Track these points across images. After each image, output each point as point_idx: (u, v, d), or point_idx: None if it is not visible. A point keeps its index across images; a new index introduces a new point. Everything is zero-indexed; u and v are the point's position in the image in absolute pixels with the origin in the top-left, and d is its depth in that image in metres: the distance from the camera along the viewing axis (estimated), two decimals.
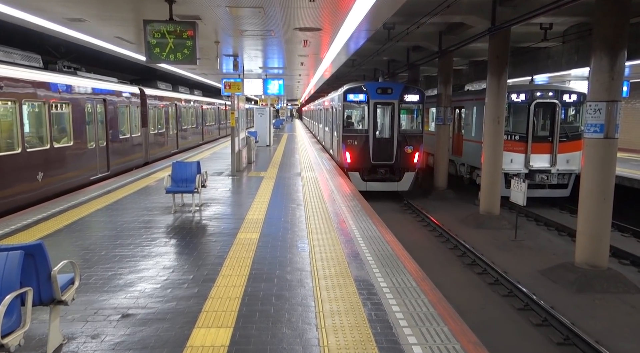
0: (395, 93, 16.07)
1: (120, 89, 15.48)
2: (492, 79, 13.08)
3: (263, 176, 13.31)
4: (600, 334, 6.83)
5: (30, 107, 10.24)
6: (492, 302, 8.14)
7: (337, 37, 10.61)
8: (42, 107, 10.59)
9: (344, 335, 4.03)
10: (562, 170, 15.20)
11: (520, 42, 16.71)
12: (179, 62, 7.12)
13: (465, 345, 3.88)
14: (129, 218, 8.16)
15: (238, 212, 8.78)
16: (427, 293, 4.97)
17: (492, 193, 13.48)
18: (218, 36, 10.48)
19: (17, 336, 3.15)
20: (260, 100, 30.01)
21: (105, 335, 4.02)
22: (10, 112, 9.41)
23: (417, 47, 19.41)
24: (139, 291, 4.98)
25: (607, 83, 8.47)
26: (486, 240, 11.80)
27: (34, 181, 10.10)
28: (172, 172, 8.95)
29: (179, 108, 22.41)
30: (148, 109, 17.85)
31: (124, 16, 8.38)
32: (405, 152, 16.16)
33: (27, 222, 7.85)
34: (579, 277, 8.71)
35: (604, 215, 8.85)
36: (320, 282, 5.22)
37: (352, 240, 6.91)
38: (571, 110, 15.88)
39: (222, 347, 3.83)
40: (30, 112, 10.27)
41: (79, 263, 5.76)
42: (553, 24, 13.71)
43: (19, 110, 9.56)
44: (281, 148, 22.66)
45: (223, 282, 5.25)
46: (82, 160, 12.45)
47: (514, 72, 19.08)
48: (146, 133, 17.74)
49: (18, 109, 9.55)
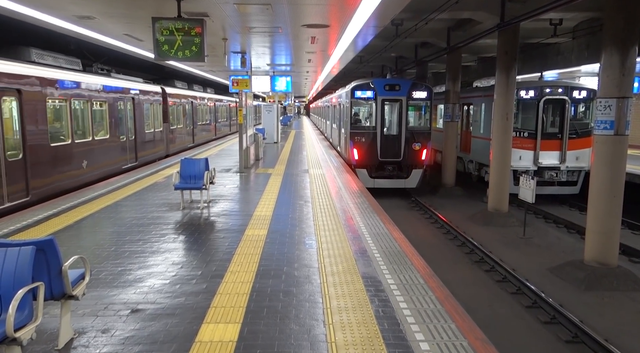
0: (403, 90, 16.01)
1: (146, 88, 17.09)
2: (501, 75, 12.99)
3: (271, 173, 13.34)
4: (609, 332, 6.79)
5: (77, 105, 11.90)
6: (500, 300, 8.11)
7: (344, 34, 10.58)
8: (85, 105, 12.30)
9: (352, 331, 4.04)
10: (572, 167, 15.06)
11: (529, 38, 16.56)
12: (187, 59, 7.15)
13: (473, 342, 3.88)
14: (138, 215, 8.23)
15: (246, 208, 8.81)
16: (435, 290, 4.97)
17: (500, 190, 13.41)
18: (226, 33, 10.50)
19: (29, 330, 3.20)
20: (268, 97, 30.07)
21: (115, 330, 4.07)
22: (63, 109, 11.17)
23: (425, 44, 19.30)
24: (148, 286, 5.03)
25: (617, 79, 8.37)
26: (494, 237, 11.75)
27: (80, 168, 11.85)
28: (181, 168, 9.00)
29: (194, 105, 23.85)
30: (168, 106, 19.48)
31: (132, 13, 8.42)
32: (413, 149, 16.11)
33: (38, 217, 7.95)
34: (588, 274, 8.65)
35: (614, 212, 8.77)
36: (327, 279, 5.24)
37: (360, 237, 6.92)
38: (581, 106, 15.72)
39: (231, 343, 3.86)
40: (77, 109, 11.94)
41: (89, 258, 5.82)
42: (563, 19, 13.56)
43: (69, 107, 11.32)
44: (289, 145, 22.68)
45: (231, 278, 5.29)
46: (116, 151, 14.16)
47: (523, 69, 18.91)
48: (167, 128, 19.38)
49: (68, 106, 11.31)
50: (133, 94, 15.61)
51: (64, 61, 11.77)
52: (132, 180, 12.06)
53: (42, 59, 10.83)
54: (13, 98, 9.22)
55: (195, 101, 24.01)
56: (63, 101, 11.11)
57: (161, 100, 18.79)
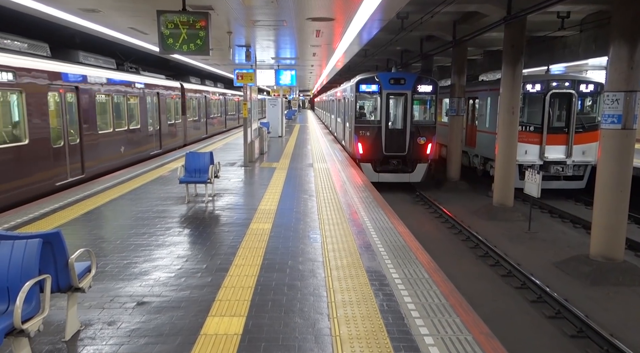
0: (408, 83, 15.93)
1: (168, 84, 19.30)
2: (507, 69, 12.89)
3: (275, 167, 13.35)
4: (614, 327, 6.77)
5: (116, 99, 14.11)
6: (504, 294, 8.11)
7: (349, 27, 10.52)
8: (122, 99, 14.49)
9: (356, 325, 4.05)
10: (578, 161, 14.97)
11: (536, 31, 16.40)
12: (192, 52, 7.13)
13: (477, 337, 3.88)
14: (143, 208, 8.26)
15: (250, 202, 8.83)
16: (439, 284, 4.97)
17: (505, 184, 13.35)
18: (231, 26, 10.47)
19: (37, 322, 3.23)
20: (273, 91, 30.13)
21: (121, 322, 4.10)
22: (107, 103, 13.48)
23: (431, 37, 19.17)
24: (154, 279, 5.06)
25: (625, 73, 8.29)
26: (499, 232, 11.72)
27: (118, 152, 14.06)
28: (186, 162, 9.03)
29: (207, 99, 25.94)
30: (186, 100, 21.66)
31: (137, 6, 8.40)
32: (418, 143, 16.05)
33: (44, 210, 8.00)
34: (593, 269, 8.62)
35: (621, 207, 8.72)
36: (332, 273, 5.25)
37: (364, 231, 6.92)
38: (588, 100, 15.59)
39: (235, 336, 3.88)
40: (116, 102, 14.12)
41: (95, 251, 5.86)
42: (570, 12, 13.42)
43: (111, 101, 13.67)
44: (293, 139, 22.67)
45: (236, 271, 5.31)
46: (145, 139, 16.40)
47: (529, 62, 18.75)
48: (185, 120, 21.59)
49: (111, 100, 13.62)
50: (158, 89, 17.76)
51: (101, 61, 13.85)
52: (137, 173, 12.10)
53: (87, 60, 12.85)
54: (72, 94, 11.51)
55: (208, 95, 25.96)
56: (107, 96, 13.41)
57: (180, 94, 20.90)
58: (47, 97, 10.29)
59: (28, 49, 10.32)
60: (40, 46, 10.81)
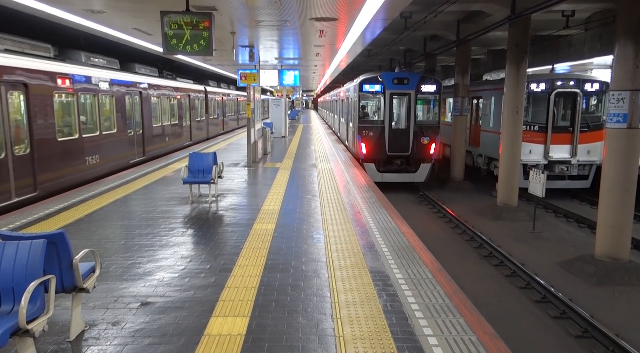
0: (411, 83, 15.90)
1: (196, 88, 23.38)
2: (511, 68, 12.84)
3: (279, 167, 13.36)
4: (620, 327, 6.73)
5: (161, 102, 17.68)
6: (509, 294, 8.08)
7: (353, 27, 10.51)
8: (165, 101, 18.09)
9: (359, 325, 4.04)
10: (583, 161, 14.89)
11: (540, 30, 16.33)
12: (196, 53, 7.14)
13: (482, 337, 3.86)
14: (147, 208, 8.28)
15: (254, 202, 8.84)
16: (443, 284, 4.95)
17: (510, 184, 13.30)
18: (234, 27, 10.48)
19: (41, 322, 3.24)
20: (276, 91, 30.29)
21: (126, 322, 4.11)
22: (157, 104, 17.25)
23: (434, 37, 19.12)
24: (158, 280, 5.07)
25: (631, 71, 8.24)
26: (503, 231, 11.68)
27: (164, 142, 17.81)
28: (189, 162, 9.04)
29: (223, 100, 29.88)
30: (208, 100, 25.74)
31: (141, 7, 8.43)
32: (422, 143, 16.02)
33: (49, 211, 8.03)
34: (599, 269, 8.57)
35: (626, 206, 8.67)
36: (335, 273, 5.24)
37: (368, 231, 6.91)
38: (593, 99, 15.52)
39: (239, 336, 3.88)
40: (161, 104, 17.71)
41: (100, 252, 5.88)
42: (575, 10, 13.35)
43: (160, 103, 17.47)
44: (296, 139, 22.67)
45: (239, 271, 5.31)
46: (181, 132, 20.22)
47: (533, 61, 18.68)
48: (207, 118, 25.66)
49: (159, 103, 17.44)
50: (189, 92, 21.94)
51: (147, 70, 17.16)
52: (141, 174, 12.14)
53: (140, 70, 16.28)
54: (137, 96, 14.96)
55: (224, 97, 30.03)
56: (158, 98, 17.30)
57: (204, 96, 24.95)
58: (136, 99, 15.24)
59: (107, 64, 13.63)
60: (112, 61, 14.05)
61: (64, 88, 10.74)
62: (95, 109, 12.27)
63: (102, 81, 12.60)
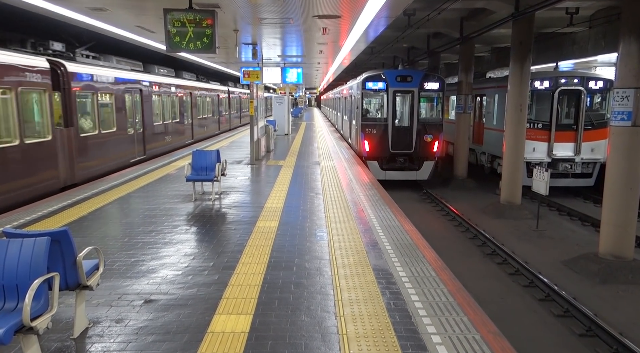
0: (415, 81, 15.85)
1: (221, 88, 27.59)
2: (515, 65, 12.79)
3: (282, 165, 13.35)
4: (624, 326, 6.71)
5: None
6: (512, 293, 8.06)
7: (356, 25, 10.48)
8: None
9: (363, 323, 4.04)
10: (587, 159, 14.83)
11: (544, 28, 16.24)
12: (199, 50, 7.14)
13: (485, 335, 3.85)
14: (150, 206, 8.30)
15: (257, 200, 8.84)
16: (447, 282, 4.94)
17: (513, 182, 13.27)
18: (237, 24, 10.47)
19: (45, 319, 3.25)
20: (279, 88, 30.32)
21: (129, 320, 4.12)
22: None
23: (438, 34, 19.06)
24: (161, 277, 5.08)
25: (636, 69, 8.19)
26: (507, 230, 11.65)
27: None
28: (192, 160, 9.04)
29: (230, 98, 32.20)
30: (230, 99, 29.78)
31: (144, 5, 8.42)
32: (425, 140, 15.99)
33: (52, 208, 8.06)
34: (602, 267, 8.54)
35: (630, 205, 8.63)
36: (339, 271, 5.24)
37: (371, 229, 6.90)
38: (597, 97, 15.44)
39: (242, 333, 3.88)
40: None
41: (103, 249, 5.89)
42: (579, 8, 13.27)
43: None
44: (299, 137, 22.66)
45: (243, 269, 5.31)
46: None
47: (537, 59, 18.59)
48: (230, 112, 29.84)
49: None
50: (218, 92, 26.65)
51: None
52: (144, 171, 12.16)
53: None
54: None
55: (231, 95, 33.02)
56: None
57: (227, 95, 29.54)
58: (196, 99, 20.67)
59: (168, 73, 18.24)
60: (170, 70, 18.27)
61: (157, 91, 16.81)
62: (168, 105, 18.37)
63: (174, 86, 19.00)
